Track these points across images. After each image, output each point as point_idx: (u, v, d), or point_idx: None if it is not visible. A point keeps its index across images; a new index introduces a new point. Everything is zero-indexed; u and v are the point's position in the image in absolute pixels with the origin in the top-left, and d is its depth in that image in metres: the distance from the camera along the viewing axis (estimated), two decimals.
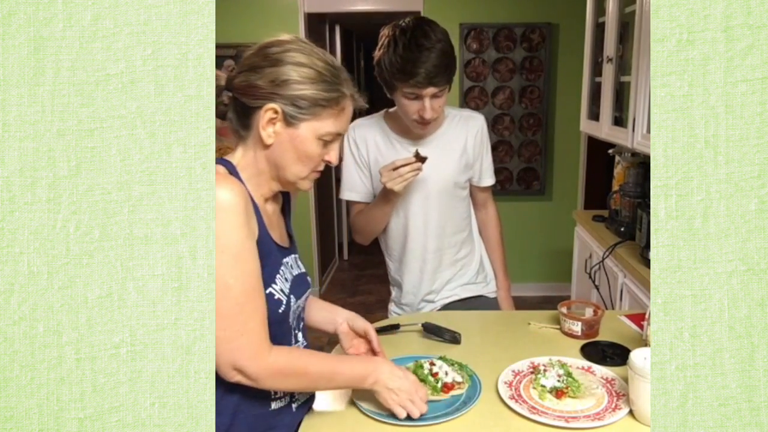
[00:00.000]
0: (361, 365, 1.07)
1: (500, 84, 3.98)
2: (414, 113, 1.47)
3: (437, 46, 1.40)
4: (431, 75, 1.39)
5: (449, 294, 1.71)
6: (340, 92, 1.00)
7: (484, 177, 1.72)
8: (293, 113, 0.97)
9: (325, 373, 1.03)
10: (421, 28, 1.41)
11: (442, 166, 1.58)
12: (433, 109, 1.45)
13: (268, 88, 0.96)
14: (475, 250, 1.76)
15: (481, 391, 1.14)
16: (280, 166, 1.01)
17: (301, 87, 0.96)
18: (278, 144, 0.99)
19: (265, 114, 0.96)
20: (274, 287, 1.02)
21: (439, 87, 1.43)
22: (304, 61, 0.97)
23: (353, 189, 1.65)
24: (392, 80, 1.45)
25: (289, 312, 1.05)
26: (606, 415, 1.06)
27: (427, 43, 1.39)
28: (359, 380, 1.05)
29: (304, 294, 1.12)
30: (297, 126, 0.98)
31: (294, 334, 1.10)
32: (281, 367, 0.97)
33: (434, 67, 1.39)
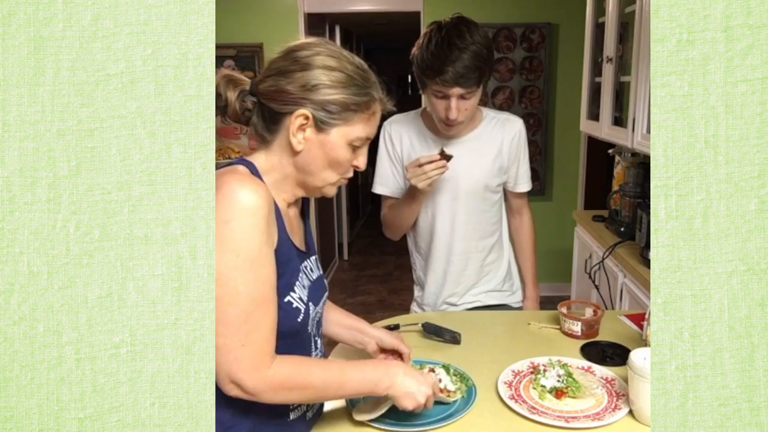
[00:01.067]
0: (373, 371, 1.02)
1: (500, 84, 3.98)
2: (441, 112, 1.47)
3: (471, 48, 1.39)
4: (458, 75, 1.38)
5: (472, 299, 1.69)
6: (371, 96, 0.98)
7: (520, 182, 1.70)
8: (324, 118, 0.94)
9: (332, 383, 0.98)
10: (458, 28, 1.41)
11: (473, 168, 1.57)
12: (458, 109, 1.44)
13: (299, 93, 0.93)
14: (503, 257, 1.73)
15: (473, 403, 1.12)
16: (309, 172, 0.98)
17: (332, 92, 0.94)
18: (308, 150, 0.96)
19: (296, 120, 0.94)
20: (293, 296, 0.98)
21: (467, 88, 1.41)
22: (334, 65, 0.95)
23: (385, 183, 1.65)
24: (422, 76, 1.45)
25: (308, 320, 1.01)
26: (606, 415, 1.06)
27: (460, 43, 1.38)
28: (372, 386, 1.01)
29: (321, 299, 1.09)
30: (328, 132, 0.95)
31: (314, 341, 1.07)
32: (282, 381, 0.92)
33: (464, 67, 1.38)
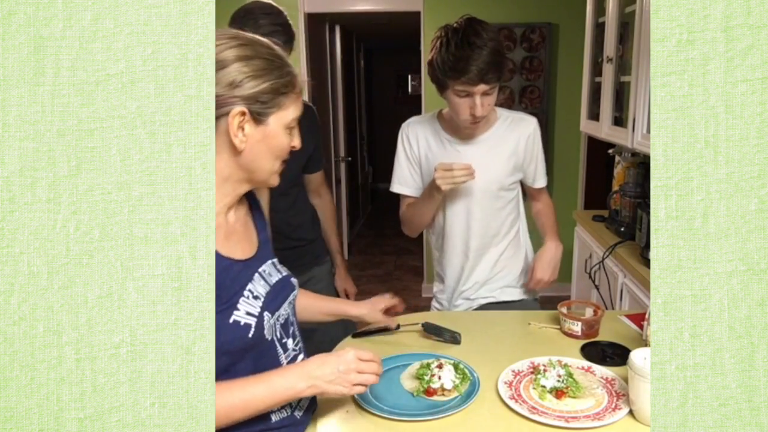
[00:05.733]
0: (282, 378, 0.97)
1: (500, 84, 3.97)
2: (465, 111, 1.50)
3: (489, 45, 1.44)
4: (483, 72, 1.43)
5: (487, 295, 1.73)
6: (292, 74, 0.97)
7: (538, 179, 1.75)
8: (260, 110, 0.93)
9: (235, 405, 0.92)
10: (473, 27, 1.46)
11: (487, 168, 1.60)
12: (483, 106, 1.49)
13: (228, 93, 0.90)
14: (520, 253, 1.77)
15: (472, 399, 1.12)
16: (254, 167, 0.97)
17: (258, 81, 0.92)
18: (250, 147, 0.95)
19: (234, 120, 0.91)
20: (237, 314, 0.94)
21: (490, 84, 1.47)
22: (249, 53, 0.93)
23: (403, 183, 1.71)
24: (444, 78, 1.48)
25: (262, 332, 0.98)
26: (606, 415, 1.06)
27: (478, 42, 1.43)
28: (291, 393, 0.97)
29: (285, 301, 1.06)
30: (266, 122, 0.94)
31: (281, 346, 1.04)
32: None
33: (486, 64, 1.43)
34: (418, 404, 1.13)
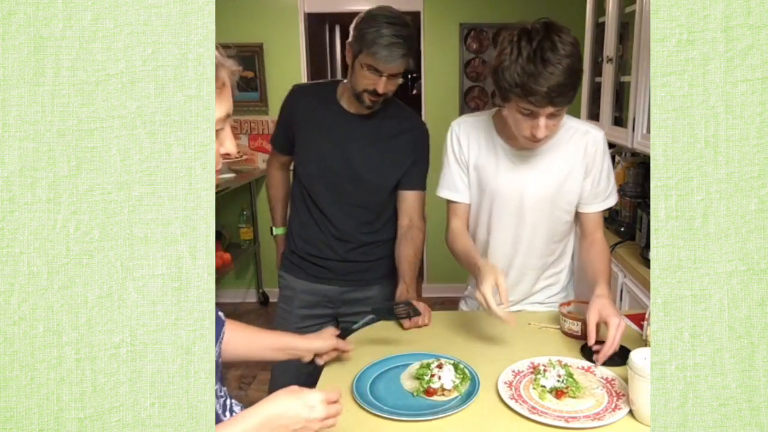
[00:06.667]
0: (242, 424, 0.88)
1: None
2: (526, 130, 1.32)
3: (564, 62, 1.23)
4: (553, 95, 1.23)
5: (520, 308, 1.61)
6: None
7: (597, 200, 1.52)
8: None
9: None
10: (550, 39, 1.24)
11: (541, 182, 1.46)
12: (547, 128, 1.30)
13: None
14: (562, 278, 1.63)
15: (472, 399, 1.12)
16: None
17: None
18: None
19: None
20: None
21: (559, 107, 1.27)
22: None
23: (451, 188, 1.54)
24: (509, 93, 1.29)
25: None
26: (606, 415, 1.06)
27: (553, 58, 1.22)
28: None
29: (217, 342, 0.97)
30: None
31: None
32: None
33: (558, 85, 1.23)
34: (418, 404, 1.13)
